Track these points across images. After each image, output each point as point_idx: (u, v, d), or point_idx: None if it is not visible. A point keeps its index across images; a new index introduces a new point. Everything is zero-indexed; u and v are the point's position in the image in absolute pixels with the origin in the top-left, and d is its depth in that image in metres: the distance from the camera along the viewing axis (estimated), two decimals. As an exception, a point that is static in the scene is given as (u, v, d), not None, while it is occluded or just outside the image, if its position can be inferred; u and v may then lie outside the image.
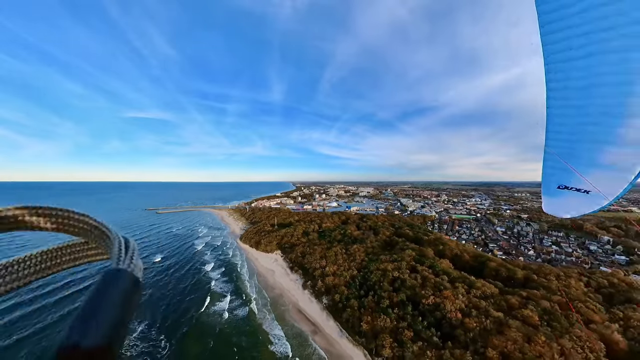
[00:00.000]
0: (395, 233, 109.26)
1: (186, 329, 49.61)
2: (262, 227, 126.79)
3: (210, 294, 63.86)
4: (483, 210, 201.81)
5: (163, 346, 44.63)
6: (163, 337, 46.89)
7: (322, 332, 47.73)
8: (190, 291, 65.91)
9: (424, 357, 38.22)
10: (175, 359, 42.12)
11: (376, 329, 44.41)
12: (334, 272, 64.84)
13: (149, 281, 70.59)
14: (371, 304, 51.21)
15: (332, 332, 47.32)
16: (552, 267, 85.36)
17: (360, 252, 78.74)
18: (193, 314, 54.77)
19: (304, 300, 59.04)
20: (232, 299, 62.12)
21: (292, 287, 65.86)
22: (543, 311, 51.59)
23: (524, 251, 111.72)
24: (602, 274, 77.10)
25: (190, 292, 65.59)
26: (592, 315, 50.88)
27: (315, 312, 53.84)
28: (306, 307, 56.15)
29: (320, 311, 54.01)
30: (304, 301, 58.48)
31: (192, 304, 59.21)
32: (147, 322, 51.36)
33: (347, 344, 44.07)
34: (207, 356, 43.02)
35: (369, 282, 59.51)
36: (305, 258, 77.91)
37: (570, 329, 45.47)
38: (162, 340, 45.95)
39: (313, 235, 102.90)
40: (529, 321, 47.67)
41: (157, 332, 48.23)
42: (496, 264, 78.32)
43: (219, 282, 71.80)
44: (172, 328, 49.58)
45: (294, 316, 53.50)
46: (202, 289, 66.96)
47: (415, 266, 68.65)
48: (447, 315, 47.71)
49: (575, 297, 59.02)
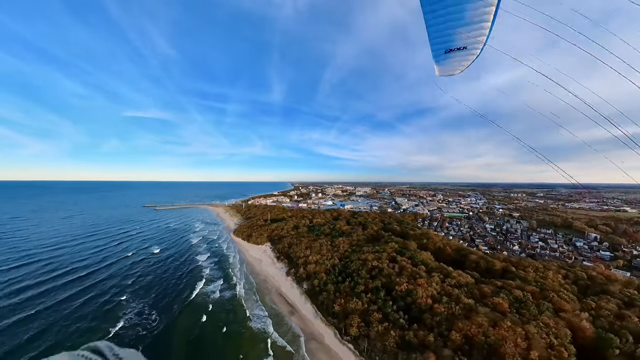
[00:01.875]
0: (383, 228, 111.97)
1: (177, 307, 54.34)
2: (256, 222, 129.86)
3: (202, 279, 68.74)
4: (476, 209, 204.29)
5: (154, 319, 49.60)
6: (154, 312, 51.78)
7: (298, 312, 50.78)
8: (184, 277, 70.68)
9: (387, 336, 40.91)
10: (164, 329, 46.34)
11: (347, 310, 47.23)
12: (316, 261, 67.76)
13: (147, 270, 75.55)
14: (346, 289, 54.04)
15: (307, 313, 50.32)
16: (532, 260, 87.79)
17: (344, 244, 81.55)
18: (186, 296, 59.56)
19: (285, 285, 62.14)
20: (222, 283, 66.73)
21: (277, 274, 69.02)
22: (514, 299, 53.69)
23: (509, 246, 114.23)
24: (582, 267, 79.24)
25: (184, 278, 70.31)
26: (564, 304, 52.72)
27: (294, 296, 56.89)
28: (287, 291, 59.27)
29: (300, 295, 57.03)
30: (286, 286, 61.57)
31: (186, 287, 64.17)
32: (143, 301, 56.29)
33: (320, 324, 47.01)
34: (196, 329, 47.23)
35: (348, 270, 62.35)
36: (291, 248, 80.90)
37: (539, 316, 47.56)
38: (154, 315, 50.91)
39: (303, 229, 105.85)
40: (499, 308, 49.81)
41: (150, 309, 53.21)
42: (477, 256, 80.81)
43: (211, 269, 76.38)
44: (165, 306, 54.46)
45: (275, 299, 56.75)
46: (196, 276, 71.68)
47: (395, 257, 71.37)
48: (418, 301, 50.27)
49: (550, 288, 61.08)
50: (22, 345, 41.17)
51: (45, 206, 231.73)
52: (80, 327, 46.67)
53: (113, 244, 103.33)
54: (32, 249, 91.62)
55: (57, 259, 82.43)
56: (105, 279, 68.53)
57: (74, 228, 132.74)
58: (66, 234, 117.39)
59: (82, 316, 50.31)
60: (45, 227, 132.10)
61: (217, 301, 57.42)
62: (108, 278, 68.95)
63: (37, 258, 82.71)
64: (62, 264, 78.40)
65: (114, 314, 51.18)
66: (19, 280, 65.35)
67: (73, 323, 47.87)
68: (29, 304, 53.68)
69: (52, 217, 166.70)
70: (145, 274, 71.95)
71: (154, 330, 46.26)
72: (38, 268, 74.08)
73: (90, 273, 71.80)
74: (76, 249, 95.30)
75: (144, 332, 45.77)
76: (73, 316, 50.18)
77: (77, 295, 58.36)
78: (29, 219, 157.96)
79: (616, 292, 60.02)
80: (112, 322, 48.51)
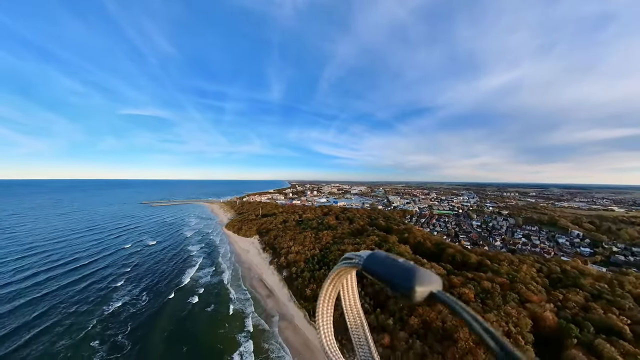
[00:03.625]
0: (370, 223, 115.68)
1: (170, 291, 59.47)
2: (247, 216, 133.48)
3: (193, 267, 74.00)
4: (466, 207, 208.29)
5: (148, 300, 54.90)
6: (149, 295, 57.15)
7: (275, 296, 54.65)
8: (177, 265, 75.95)
9: (350, 317, 44.27)
10: (157, 309, 51.33)
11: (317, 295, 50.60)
12: (298, 251, 71.41)
13: (143, 260, 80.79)
14: (321, 275, 57.66)
15: (283, 297, 54.21)
16: (509, 254, 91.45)
17: (328, 237, 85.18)
18: (178, 281, 64.72)
19: (267, 273, 66.05)
20: (210, 271, 71.99)
21: (261, 263, 73.00)
22: (482, 290, 56.88)
23: (491, 242, 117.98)
24: (557, 261, 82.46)
25: (177, 266, 75.51)
26: (531, 295, 55.45)
27: (274, 282, 60.75)
28: (268, 278, 63.26)
29: (279, 282, 60.89)
30: (267, 274, 65.47)
31: (179, 274, 69.38)
32: (139, 286, 61.55)
33: (293, 306, 50.86)
34: (185, 309, 52.08)
35: (326, 259, 65.98)
36: (277, 240, 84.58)
37: (503, 306, 50.72)
38: (148, 297, 56.30)
39: (291, 223, 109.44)
40: (464, 297, 52.96)
41: (144, 292, 58.56)
42: (454, 250, 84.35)
43: (202, 259, 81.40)
44: (158, 290, 59.67)
45: (256, 284, 60.94)
46: (188, 264, 76.95)
47: (374, 249, 74.88)
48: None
49: (520, 280, 64.00)
50: (30, 322, 46.02)
51: (42, 204, 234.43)
52: (81, 307, 51.36)
53: (111, 237, 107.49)
54: (34, 242, 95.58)
55: (59, 251, 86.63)
56: (104, 267, 72.94)
57: (73, 223, 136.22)
58: (65, 229, 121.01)
59: (82, 298, 55.07)
60: (44, 223, 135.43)
61: (205, 285, 62.48)
62: (107, 267, 73.41)
63: (40, 250, 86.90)
64: (63, 255, 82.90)
65: (111, 297, 56.03)
66: (26, 268, 70.07)
67: (74, 304, 52.75)
68: (35, 289, 58.54)
69: (50, 214, 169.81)
70: (141, 263, 76.76)
71: (147, 310, 50.95)
72: (42, 258, 78.49)
73: (90, 262, 76.30)
74: (76, 242, 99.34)
75: (138, 312, 50.35)
76: (74, 298, 55.10)
77: (78, 281, 63.18)
78: (28, 215, 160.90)
79: (586, 285, 63.02)
80: (109, 303, 53.31)
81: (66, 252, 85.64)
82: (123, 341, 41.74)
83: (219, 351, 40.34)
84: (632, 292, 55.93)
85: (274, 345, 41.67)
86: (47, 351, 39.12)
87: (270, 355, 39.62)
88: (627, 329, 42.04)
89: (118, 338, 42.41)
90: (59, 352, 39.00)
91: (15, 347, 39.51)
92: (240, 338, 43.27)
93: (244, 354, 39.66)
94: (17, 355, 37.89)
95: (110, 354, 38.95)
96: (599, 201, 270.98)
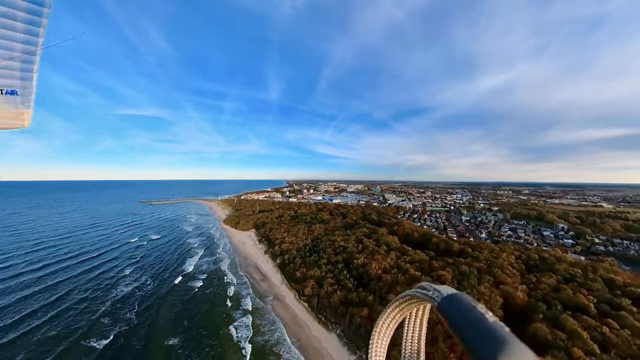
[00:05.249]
0: (362, 218, 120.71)
1: (174, 278, 64.65)
2: (244, 212, 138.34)
3: (194, 257, 79.68)
4: (459, 204, 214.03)
5: (155, 286, 60.38)
6: (156, 281, 62.55)
7: (268, 280, 59.94)
8: (179, 256, 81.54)
9: (334, 295, 49.42)
10: (163, 294, 56.24)
11: (307, 276, 55.81)
12: (291, 242, 76.36)
13: (148, 251, 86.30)
14: (311, 261, 62.64)
15: (276, 280, 59.46)
16: (490, 243, 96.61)
17: (320, 229, 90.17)
18: (181, 270, 70.22)
19: (262, 260, 71.35)
20: (210, 260, 77.83)
21: (256, 253, 78.31)
22: (459, 273, 61.85)
23: (477, 234, 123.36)
24: (536, 250, 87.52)
25: (179, 257, 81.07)
26: (505, 278, 60.57)
27: (268, 269, 66.01)
28: (262, 265, 68.55)
29: (272, 268, 66.20)
30: (262, 261, 70.74)
31: (181, 263, 75.18)
32: (146, 274, 66.80)
33: (284, 288, 56.09)
34: (189, 293, 57.15)
35: (316, 248, 70.92)
36: (272, 232, 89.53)
37: (477, 286, 55.71)
38: (155, 283, 61.77)
39: (286, 218, 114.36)
40: (442, 279, 57.92)
41: (151, 279, 63.88)
42: (438, 239, 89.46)
43: (202, 250, 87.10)
44: (164, 277, 64.88)
45: (252, 271, 66.41)
46: (189, 255, 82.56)
47: (362, 239, 80.00)
48: (369, 272, 58.57)
49: (497, 265, 68.91)
50: (48, 305, 50.95)
51: (42, 203, 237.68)
52: (94, 292, 56.26)
53: (116, 233, 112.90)
54: (42, 238, 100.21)
55: (67, 245, 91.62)
56: (112, 259, 78.18)
57: (77, 221, 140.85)
58: (70, 226, 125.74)
59: (95, 285, 60.10)
60: (48, 221, 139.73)
61: (206, 272, 68.24)
62: (115, 258, 78.77)
63: (50, 244, 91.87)
64: (72, 248, 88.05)
65: (121, 282, 61.12)
66: (38, 260, 75.08)
67: (88, 290, 57.85)
68: (49, 278, 63.65)
69: (52, 212, 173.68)
70: (147, 255, 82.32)
71: (154, 293, 56.11)
72: (52, 252, 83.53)
73: (99, 255, 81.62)
74: (83, 237, 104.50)
75: (146, 295, 55.49)
76: (87, 284, 60.28)
77: (90, 271, 68.46)
78: (29, 214, 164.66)
79: (560, 270, 67.97)
80: (120, 289, 58.13)
81: (74, 246, 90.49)
82: (132, 317, 46.73)
83: (220, 324, 45.50)
84: (604, 276, 60.81)
85: (269, 319, 46.84)
86: (68, 325, 44.25)
87: (265, 327, 44.76)
88: (592, 306, 47.07)
89: (128, 315, 47.32)
90: (77, 328, 43.92)
91: (40, 322, 44.67)
92: (238, 314, 48.39)
93: (243, 327, 44.80)
94: (42, 329, 42.87)
95: (122, 329, 43.80)
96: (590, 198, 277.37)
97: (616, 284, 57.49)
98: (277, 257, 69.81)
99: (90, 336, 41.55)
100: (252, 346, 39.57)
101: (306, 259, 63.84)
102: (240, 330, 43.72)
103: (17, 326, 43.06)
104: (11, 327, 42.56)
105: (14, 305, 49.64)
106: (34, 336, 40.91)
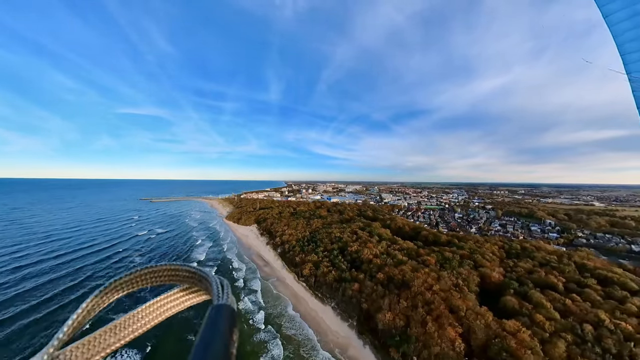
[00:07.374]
0: (358, 214, 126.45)
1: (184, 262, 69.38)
2: (246, 209, 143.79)
3: (201, 248, 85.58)
4: (453, 203, 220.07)
5: None
6: None
7: (270, 266, 65.79)
8: (187, 247, 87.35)
9: (329, 274, 55.03)
10: None
11: (305, 261, 61.43)
12: (291, 234, 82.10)
13: (157, 243, 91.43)
14: (309, 250, 68.32)
15: (277, 266, 65.46)
16: (476, 235, 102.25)
17: (317, 223, 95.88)
18: (188, 259, 75.90)
19: (264, 250, 77.40)
20: (216, 250, 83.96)
21: (259, 245, 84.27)
22: (442, 258, 67.50)
23: (468, 229, 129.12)
24: (520, 242, 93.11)
25: (187, 247, 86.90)
26: (485, 262, 66.63)
27: (270, 257, 72.02)
28: (265, 254, 74.51)
29: (274, 256, 72.21)
30: (264, 251, 76.85)
31: (188, 253, 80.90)
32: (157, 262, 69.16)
33: (285, 272, 61.89)
34: None
35: (314, 239, 76.62)
36: (273, 226, 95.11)
37: (457, 268, 61.48)
38: None
39: (286, 215, 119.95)
40: (426, 263, 63.40)
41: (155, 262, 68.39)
42: (427, 232, 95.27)
43: (208, 242, 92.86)
44: None
45: (255, 258, 72.26)
46: (196, 246, 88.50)
47: (357, 231, 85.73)
48: (361, 256, 64.12)
49: (479, 253, 74.50)
50: (70, 288, 56.36)
51: (43, 199, 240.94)
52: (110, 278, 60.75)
53: (124, 227, 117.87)
54: (51, 232, 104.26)
55: (77, 238, 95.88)
56: (123, 250, 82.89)
57: (83, 216, 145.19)
58: (77, 220, 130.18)
59: (111, 271, 65.19)
60: (53, 215, 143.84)
61: (213, 259, 74.31)
62: (126, 249, 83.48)
63: (61, 237, 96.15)
64: (84, 240, 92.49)
65: None
66: (55, 250, 79.81)
67: (104, 276, 63.09)
68: (68, 265, 68.66)
69: (55, 208, 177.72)
70: (156, 246, 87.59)
71: None
72: (66, 243, 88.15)
73: (110, 246, 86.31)
74: (93, 230, 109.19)
75: None
76: (104, 272, 65.17)
77: (105, 260, 73.29)
78: (32, 209, 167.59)
79: (538, 257, 73.88)
80: None
81: (85, 238, 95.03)
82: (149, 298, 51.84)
83: (230, 300, 51.41)
84: (577, 262, 66.96)
85: (272, 295, 52.77)
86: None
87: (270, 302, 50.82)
88: (560, 285, 53.55)
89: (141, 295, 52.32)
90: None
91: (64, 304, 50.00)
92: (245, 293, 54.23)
93: (254, 301, 50.89)
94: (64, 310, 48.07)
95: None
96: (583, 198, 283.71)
97: (587, 267, 63.42)
98: (278, 247, 75.48)
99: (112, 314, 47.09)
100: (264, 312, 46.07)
101: (305, 248, 69.47)
102: (252, 304, 49.79)
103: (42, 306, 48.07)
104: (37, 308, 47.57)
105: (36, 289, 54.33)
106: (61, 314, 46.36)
